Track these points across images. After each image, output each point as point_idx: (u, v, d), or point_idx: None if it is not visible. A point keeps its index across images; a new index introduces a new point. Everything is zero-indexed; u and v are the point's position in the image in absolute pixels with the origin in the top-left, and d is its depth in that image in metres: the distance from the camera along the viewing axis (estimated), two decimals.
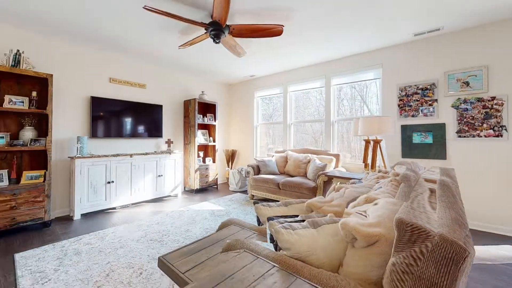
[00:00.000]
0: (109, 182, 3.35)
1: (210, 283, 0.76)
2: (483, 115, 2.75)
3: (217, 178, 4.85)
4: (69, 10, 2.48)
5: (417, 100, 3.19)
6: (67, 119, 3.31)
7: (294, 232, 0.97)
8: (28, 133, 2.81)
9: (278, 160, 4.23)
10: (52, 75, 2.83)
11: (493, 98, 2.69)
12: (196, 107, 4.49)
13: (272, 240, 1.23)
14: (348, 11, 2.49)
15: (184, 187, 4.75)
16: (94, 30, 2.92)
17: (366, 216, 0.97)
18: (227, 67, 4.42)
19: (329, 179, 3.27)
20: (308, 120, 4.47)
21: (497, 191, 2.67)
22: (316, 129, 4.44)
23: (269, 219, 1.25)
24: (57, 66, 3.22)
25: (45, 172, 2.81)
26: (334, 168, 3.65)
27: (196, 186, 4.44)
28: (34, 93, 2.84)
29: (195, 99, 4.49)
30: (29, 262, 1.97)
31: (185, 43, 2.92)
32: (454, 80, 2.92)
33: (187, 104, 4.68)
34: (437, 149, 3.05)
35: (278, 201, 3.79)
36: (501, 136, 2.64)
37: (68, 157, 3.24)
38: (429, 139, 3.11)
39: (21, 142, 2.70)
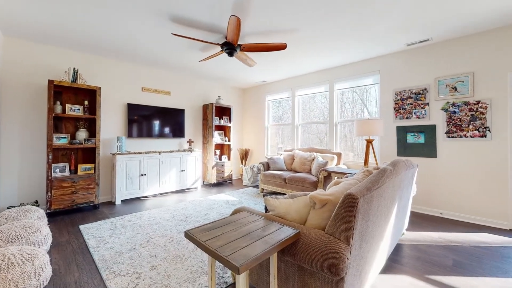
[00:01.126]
0: (142, 175, 4.03)
1: (223, 223, 1.29)
2: (469, 117, 3.03)
3: (231, 174, 5.41)
4: (121, 36, 3.15)
5: (411, 104, 3.51)
6: (110, 122, 4.03)
7: (277, 200, 1.46)
8: (82, 134, 3.53)
9: (286, 158, 4.69)
10: (100, 87, 3.53)
11: (478, 102, 2.97)
12: (213, 111, 5.09)
13: (266, 210, 1.73)
14: (347, 28, 2.91)
15: (203, 181, 5.36)
16: (134, 49, 3.60)
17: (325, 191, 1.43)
18: (240, 74, 4.97)
19: (329, 174, 3.69)
20: (313, 122, 4.89)
21: (479, 185, 2.95)
22: (321, 130, 4.85)
23: (264, 195, 1.75)
24: (103, 79, 3.95)
25: (94, 165, 3.52)
26: (335, 165, 4.05)
27: (213, 180, 5.03)
28: (86, 102, 3.57)
29: (212, 103, 5.09)
30: (91, 231, 2.63)
31: (205, 58, 3.49)
32: (444, 86, 3.22)
33: (205, 108, 5.29)
34: (428, 148, 3.35)
35: (284, 193, 4.27)
36: (485, 136, 2.92)
37: (111, 153, 3.96)
38: (422, 139, 3.42)
39: (78, 141, 3.43)
